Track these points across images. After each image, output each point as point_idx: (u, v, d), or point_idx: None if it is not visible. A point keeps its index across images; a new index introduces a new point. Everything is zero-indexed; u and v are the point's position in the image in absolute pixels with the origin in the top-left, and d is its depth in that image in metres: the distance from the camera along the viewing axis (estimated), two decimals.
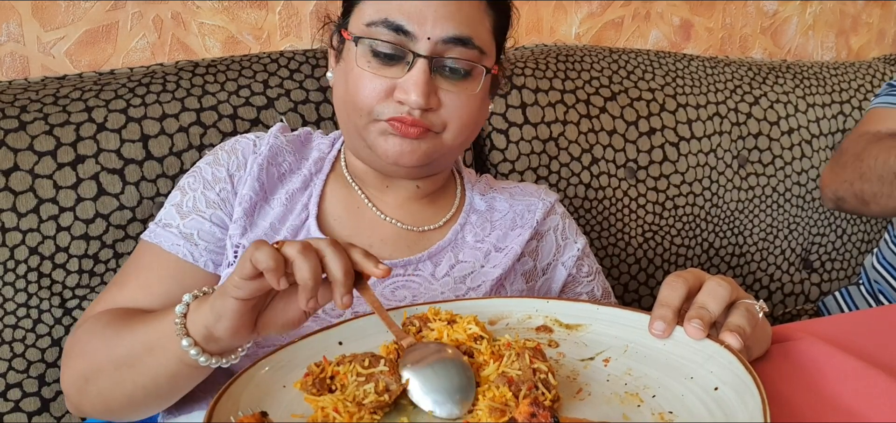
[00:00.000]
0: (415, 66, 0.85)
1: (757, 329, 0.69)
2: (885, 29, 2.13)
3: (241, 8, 1.43)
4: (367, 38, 0.86)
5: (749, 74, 1.64)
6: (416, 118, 0.86)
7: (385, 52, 0.86)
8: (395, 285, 0.92)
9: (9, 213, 1.04)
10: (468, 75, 0.88)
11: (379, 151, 0.88)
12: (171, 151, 1.13)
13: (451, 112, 0.88)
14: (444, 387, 0.61)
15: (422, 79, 0.84)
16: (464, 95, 0.88)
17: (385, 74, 0.86)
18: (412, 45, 0.85)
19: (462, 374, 0.63)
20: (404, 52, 0.86)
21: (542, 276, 1.03)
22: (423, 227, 0.97)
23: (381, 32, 0.86)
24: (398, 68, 0.86)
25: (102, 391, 0.82)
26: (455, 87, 0.88)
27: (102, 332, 0.83)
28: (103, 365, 0.81)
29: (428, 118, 0.87)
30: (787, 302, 1.65)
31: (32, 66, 1.30)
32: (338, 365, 0.63)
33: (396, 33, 0.85)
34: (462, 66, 0.87)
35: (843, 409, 0.63)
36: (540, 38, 1.71)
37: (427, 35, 0.85)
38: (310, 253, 0.65)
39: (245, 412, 0.58)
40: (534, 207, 1.03)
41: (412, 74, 0.85)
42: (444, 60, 0.87)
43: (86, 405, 0.85)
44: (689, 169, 1.52)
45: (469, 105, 0.89)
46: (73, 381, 0.85)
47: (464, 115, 0.89)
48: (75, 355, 0.85)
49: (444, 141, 0.90)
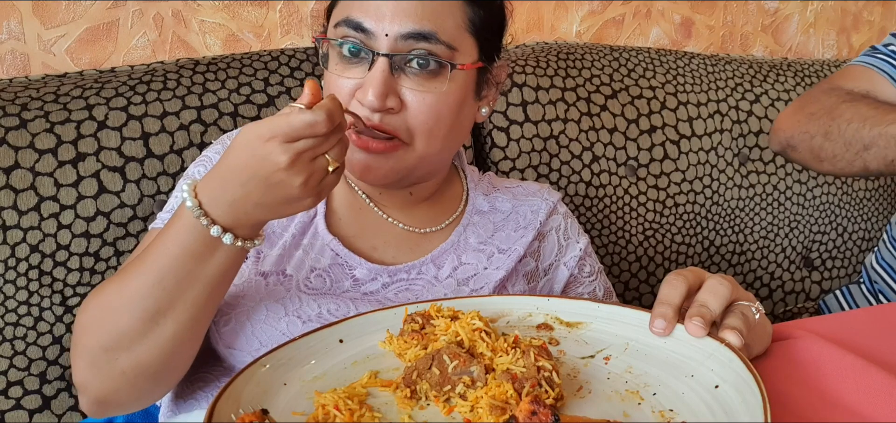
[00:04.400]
0: (375, 64, 0.83)
1: (756, 328, 0.69)
2: (886, 27, 2.13)
3: (241, 6, 1.43)
4: (335, 39, 0.86)
5: (750, 72, 1.64)
6: (376, 123, 0.83)
7: (349, 52, 0.85)
8: (398, 288, 0.92)
9: (10, 211, 1.04)
10: (435, 73, 0.84)
11: (349, 163, 0.85)
12: (171, 149, 1.13)
13: (417, 114, 0.84)
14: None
15: (379, 77, 0.81)
16: (430, 96, 0.84)
17: (351, 76, 0.85)
18: (373, 44, 0.84)
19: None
20: (367, 52, 0.84)
21: (543, 276, 1.03)
22: (426, 228, 0.97)
23: (344, 32, 0.85)
24: (362, 68, 0.85)
25: (135, 353, 0.75)
26: (420, 86, 0.84)
27: (115, 280, 0.78)
28: (124, 305, 0.75)
29: (390, 122, 0.84)
30: (788, 300, 1.65)
31: (33, 64, 1.30)
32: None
33: (357, 32, 0.84)
34: (428, 60, 0.83)
35: (844, 407, 0.63)
36: (541, 36, 1.71)
37: (385, 31, 0.82)
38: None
39: (246, 410, 0.58)
40: (537, 207, 1.02)
41: (371, 72, 0.83)
42: (409, 56, 0.83)
43: (110, 385, 0.77)
44: (689, 167, 1.52)
45: (438, 105, 0.85)
46: (91, 362, 0.77)
47: (431, 116, 0.85)
48: (87, 333, 0.78)
49: (416, 151, 0.86)
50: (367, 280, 0.90)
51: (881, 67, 1.21)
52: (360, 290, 0.90)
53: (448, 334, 0.69)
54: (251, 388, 0.62)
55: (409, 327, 0.72)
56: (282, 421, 0.60)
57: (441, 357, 0.64)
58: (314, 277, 0.89)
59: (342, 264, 0.91)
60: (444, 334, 0.69)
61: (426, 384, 0.64)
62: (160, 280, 0.73)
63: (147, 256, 0.76)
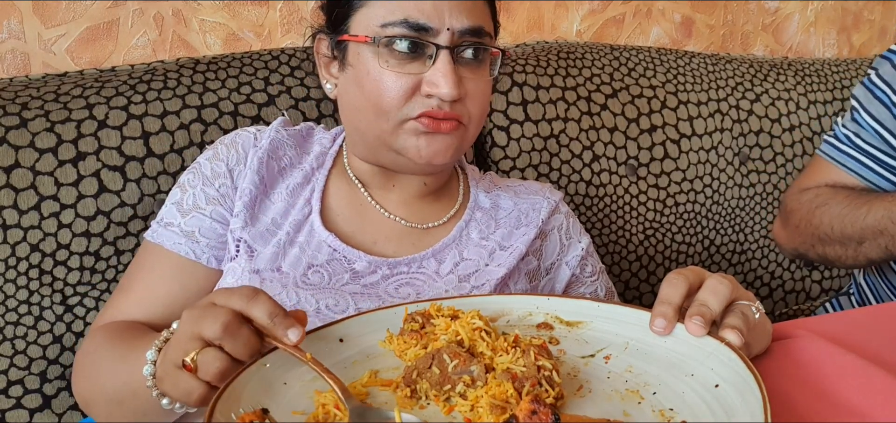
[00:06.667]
0: (439, 58, 0.86)
1: (757, 327, 0.69)
2: (886, 26, 2.13)
3: (241, 5, 1.43)
4: (386, 37, 0.86)
5: (750, 71, 1.64)
6: (447, 112, 0.86)
7: (406, 49, 0.86)
8: (399, 282, 0.92)
9: (10, 210, 1.04)
10: (483, 60, 0.90)
11: (410, 153, 0.88)
12: (172, 149, 1.13)
13: (475, 99, 0.89)
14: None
15: (449, 69, 0.85)
16: (483, 81, 0.90)
17: (409, 71, 0.86)
18: (433, 39, 0.86)
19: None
20: (426, 45, 0.86)
21: (545, 275, 1.03)
22: (427, 224, 0.97)
23: (400, 31, 0.86)
24: (419, 63, 0.87)
25: (100, 416, 0.86)
26: (475, 73, 0.89)
27: (100, 360, 0.86)
28: (98, 398, 0.85)
29: (457, 109, 0.88)
30: (788, 300, 1.65)
31: (33, 64, 1.30)
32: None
33: (416, 31, 0.86)
34: (480, 52, 0.89)
35: (844, 406, 0.63)
36: (541, 35, 1.71)
37: (447, 27, 0.86)
38: (233, 327, 0.64)
39: (246, 410, 0.58)
40: (538, 205, 1.02)
41: (438, 65, 0.86)
42: (463, 48, 0.88)
43: (95, 417, 0.89)
44: (690, 166, 1.52)
45: (487, 90, 0.92)
46: (81, 399, 0.90)
47: (483, 101, 0.91)
48: (80, 377, 0.89)
49: (470, 131, 0.91)
50: (366, 273, 0.91)
51: (843, 162, 1.21)
52: (360, 282, 0.90)
53: (448, 334, 0.69)
54: (251, 387, 0.62)
55: (409, 327, 0.72)
56: (282, 421, 0.60)
57: (441, 357, 0.64)
58: (311, 273, 0.89)
59: (340, 258, 0.91)
60: (445, 333, 0.69)
61: (426, 384, 0.64)
62: (119, 401, 0.82)
63: (126, 356, 0.82)
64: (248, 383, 0.62)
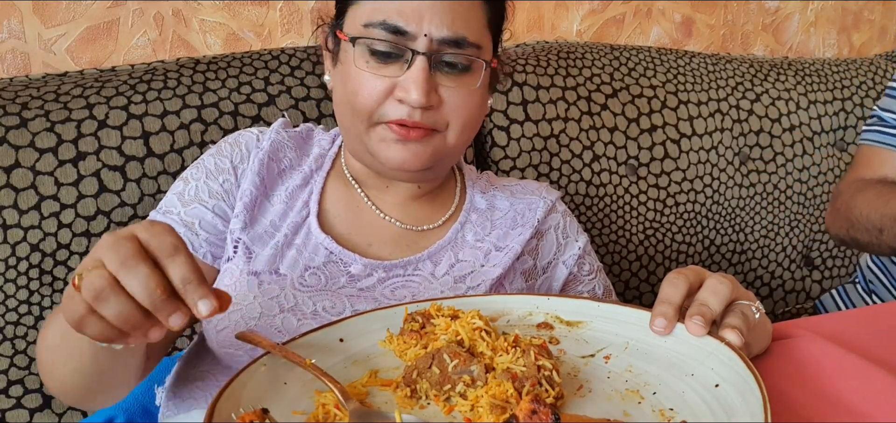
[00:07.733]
0: (414, 63, 0.85)
1: (757, 327, 0.69)
2: (887, 26, 2.13)
3: (241, 5, 1.43)
4: (365, 38, 0.86)
5: (750, 71, 1.64)
6: (417, 121, 0.85)
7: (383, 51, 0.86)
8: (395, 284, 0.92)
9: (10, 210, 1.05)
10: (467, 70, 0.88)
11: (381, 157, 0.88)
12: (172, 148, 1.13)
13: (453, 109, 0.88)
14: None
15: (421, 76, 0.84)
16: (464, 91, 0.88)
17: (384, 74, 0.86)
18: (410, 44, 0.85)
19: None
20: (403, 50, 0.85)
21: (542, 275, 1.03)
22: (423, 226, 0.97)
23: (378, 33, 0.85)
24: (397, 67, 0.86)
25: (48, 377, 0.83)
26: (455, 82, 0.88)
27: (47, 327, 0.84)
28: (43, 358, 0.83)
29: (430, 117, 0.87)
30: (788, 300, 1.65)
31: (33, 64, 1.30)
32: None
33: (394, 34, 0.85)
34: (461, 61, 0.87)
35: (844, 406, 0.63)
36: (541, 35, 1.71)
37: (424, 32, 0.85)
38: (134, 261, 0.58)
39: (246, 410, 0.58)
40: (535, 205, 1.03)
41: (411, 72, 0.85)
42: (443, 56, 0.86)
43: (53, 388, 0.84)
44: (690, 166, 1.52)
45: (470, 101, 0.89)
46: (45, 381, 0.86)
47: (465, 111, 0.89)
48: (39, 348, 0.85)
49: (448, 141, 0.90)
50: (362, 276, 0.91)
51: (891, 143, 1.25)
52: (356, 286, 0.90)
53: (448, 334, 0.69)
54: (251, 387, 0.62)
55: (409, 327, 0.72)
56: (282, 421, 0.60)
57: (441, 356, 0.64)
58: (309, 275, 0.89)
59: (336, 261, 0.91)
60: (445, 333, 0.69)
61: (426, 384, 0.64)
62: (54, 347, 0.79)
63: None
64: (248, 383, 0.62)
